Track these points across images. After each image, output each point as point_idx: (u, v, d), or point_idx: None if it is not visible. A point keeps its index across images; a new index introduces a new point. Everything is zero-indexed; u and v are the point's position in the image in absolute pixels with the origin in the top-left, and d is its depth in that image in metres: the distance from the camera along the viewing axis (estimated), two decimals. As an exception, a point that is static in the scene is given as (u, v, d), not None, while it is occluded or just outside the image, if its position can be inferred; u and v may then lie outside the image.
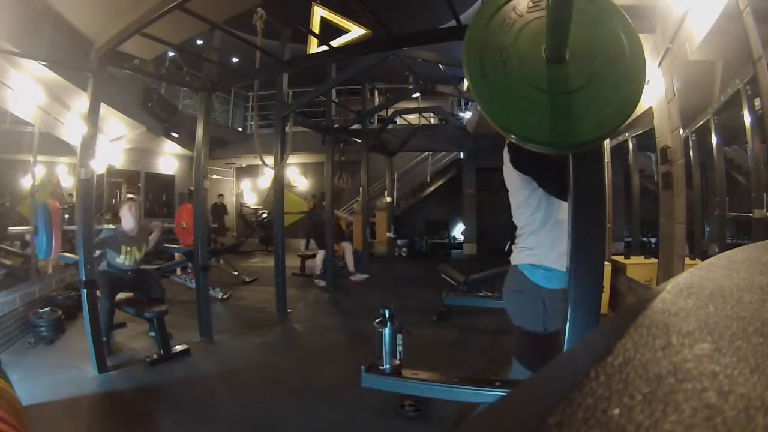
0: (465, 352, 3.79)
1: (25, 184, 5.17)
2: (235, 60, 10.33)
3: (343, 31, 3.86)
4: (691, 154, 3.54)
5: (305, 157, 11.65)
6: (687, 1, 3.18)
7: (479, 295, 4.68)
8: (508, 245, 1.99)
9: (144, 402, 2.84)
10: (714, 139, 3.28)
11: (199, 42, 7.55)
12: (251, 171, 12.81)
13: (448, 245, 11.47)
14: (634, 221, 5.16)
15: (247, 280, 6.88)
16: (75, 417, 2.64)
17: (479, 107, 1.20)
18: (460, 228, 11.74)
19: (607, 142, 5.15)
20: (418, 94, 9.27)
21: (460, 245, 11.44)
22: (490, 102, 1.13)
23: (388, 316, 2.40)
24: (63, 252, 4.74)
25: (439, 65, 5.83)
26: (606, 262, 4.28)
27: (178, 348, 3.59)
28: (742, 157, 3.55)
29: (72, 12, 3.42)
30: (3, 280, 4.52)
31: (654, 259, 4.35)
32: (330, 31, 3.88)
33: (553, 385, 0.26)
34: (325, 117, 7.81)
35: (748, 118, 2.78)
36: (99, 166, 6.55)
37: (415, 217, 11.48)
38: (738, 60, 2.81)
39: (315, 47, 3.88)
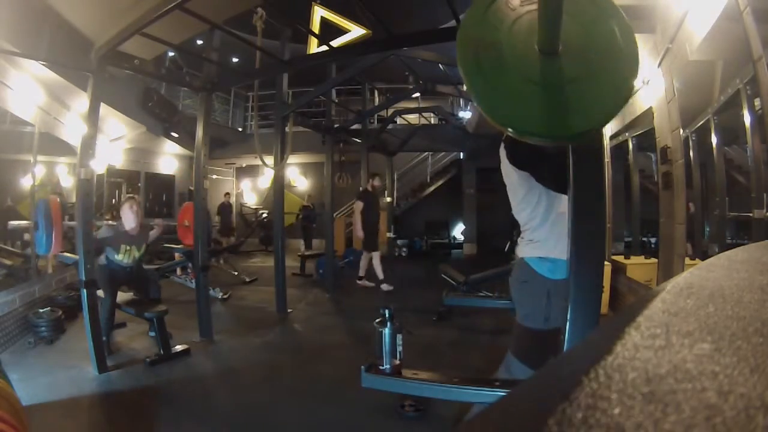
0: (465, 352, 3.79)
1: (26, 184, 5.17)
2: (235, 60, 10.33)
3: (343, 31, 3.86)
4: (691, 154, 3.54)
5: (305, 157, 11.66)
6: (687, 1, 3.18)
7: (479, 295, 4.68)
8: (508, 245, 2.02)
9: (144, 402, 2.84)
10: (714, 139, 3.28)
11: (199, 42, 7.55)
12: (251, 171, 12.82)
13: (448, 245, 11.47)
14: (634, 221, 5.16)
15: (247, 280, 6.88)
16: (75, 417, 2.64)
17: (475, 103, 1.22)
18: (460, 228, 11.75)
19: (607, 142, 5.16)
20: (418, 94, 9.27)
21: (460, 245, 11.44)
22: (485, 97, 1.15)
23: (388, 316, 2.39)
24: (63, 252, 4.73)
25: (439, 65, 5.83)
26: (606, 262, 4.28)
27: (178, 348, 3.59)
28: (742, 157, 3.55)
29: (72, 12, 3.42)
30: (3, 280, 4.52)
31: (654, 259, 4.36)
32: (330, 31, 3.88)
33: (553, 385, 0.26)
34: (325, 117, 7.80)
35: (748, 118, 2.78)
36: (99, 166, 6.55)
37: (415, 217, 11.48)
38: (738, 60, 2.81)
39: (315, 47, 3.88)
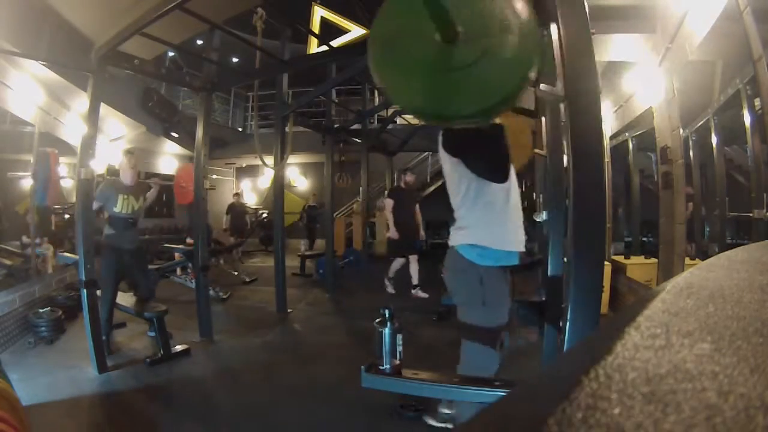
0: (465, 352, 3.78)
1: (25, 184, 5.18)
2: (235, 60, 10.34)
3: (342, 31, 3.87)
4: (691, 154, 3.54)
5: (305, 157, 11.65)
6: (687, 1, 3.18)
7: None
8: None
9: (144, 402, 2.84)
10: (714, 139, 3.28)
11: (199, 42, 7.55)
12: (251, 171, 12.82)
13: (448, 245, 11.44)
14: (634, 221, 5.16)
15: (247, 280, 6.88)
16: (75, 417, 2.64)
17: (387, 93, 1.37)
18: (460, 228, 11.72)
19: (607, 142, 5.16)
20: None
21: (460, 245, 11.41)
22: (393, 86, 1.29)
23: (388, 316, 2.39)
24: (63, 252, 4.74)
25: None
26: (606, 262, 4.28)
27: (178, 348, 3.59)
28: (742, 157, 3.55)
29: (72, 12, 3.42)
30: (3, 280, 4.52)
31: (654, 259, 4.35)
32: (330, 31, 3.89)
33: (553, 385, 0.26)
34: (325, 117, 7.80)
35: (748, 118, 2.79)
36: (99, 166, 6.55)
37: (415, 217, 11.45)
38: (738, 60, 2.82)
39: (315, 47, 3.89)
